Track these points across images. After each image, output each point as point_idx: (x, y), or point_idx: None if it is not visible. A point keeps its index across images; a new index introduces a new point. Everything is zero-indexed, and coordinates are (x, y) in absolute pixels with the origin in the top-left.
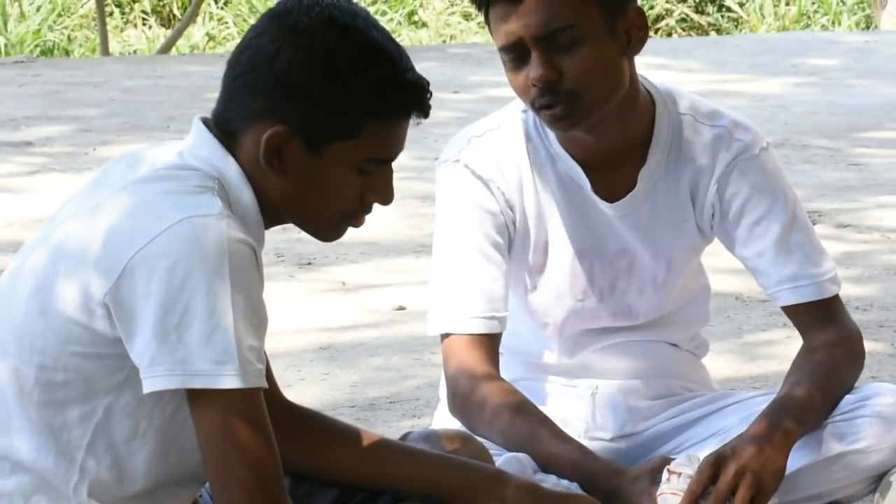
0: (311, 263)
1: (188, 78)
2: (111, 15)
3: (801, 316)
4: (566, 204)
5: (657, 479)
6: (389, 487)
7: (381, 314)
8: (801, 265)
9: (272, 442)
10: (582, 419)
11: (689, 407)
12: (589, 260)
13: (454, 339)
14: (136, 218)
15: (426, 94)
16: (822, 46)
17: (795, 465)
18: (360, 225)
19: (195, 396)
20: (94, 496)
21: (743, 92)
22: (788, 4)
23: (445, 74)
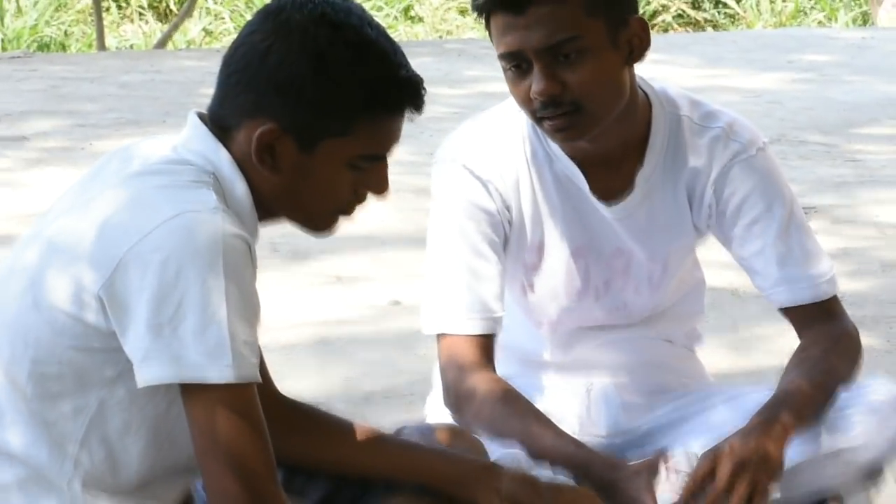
0: (305, 257)
1: (184, 73)
2: (108, 10)
3: (797, 316)
4: (563, 204)
5: (655, 474)
6: (383, 480)
7: (375, 308)
8: (797, 266)
9: (265, 435)
10: (577, 416)
11: (683, 402)
12: (585, 259)
13: (450, 338)
14: (130, 212)
15: (420, 90)
16: (818, 42)
17: (792, 461)
18: (351, 217)
19: (189, 390)
20: (87, 489)
21: (739, 87)
22: (785, 1)
23: (441, 70)
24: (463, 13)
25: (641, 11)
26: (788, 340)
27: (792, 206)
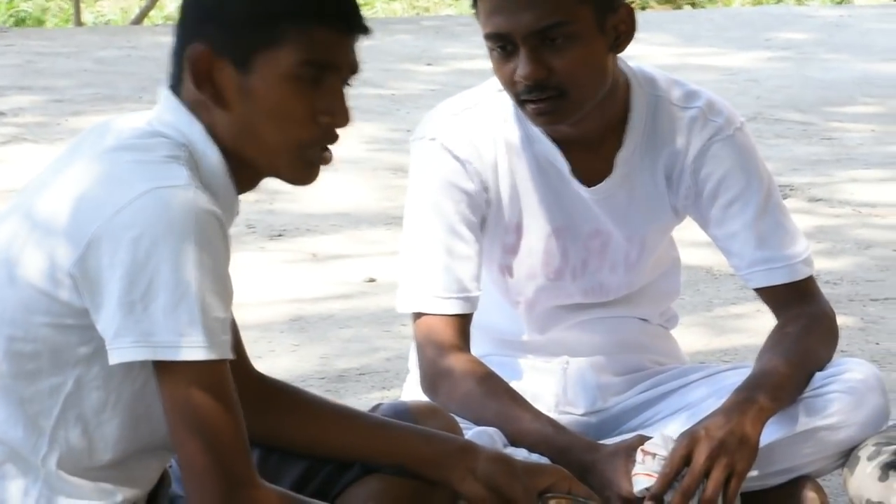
0: (281, 235)
1: (161, 49)
2: None
3: (773, 297)
4: (541, 185)
5: (632, 457)
6: (359, 459)
7: (351, 286)
8: (773, 247)
9: (239, 413)
10: (553, 395)
11: (658, 381)
12: (562, 240)
13: (426, 318)
14: (103, 188)
15: (344, 2)
16: (795, 20)
17: (769, 439)
18: (328, 160)
19: (161, 368)
20: (62, 467)
21: (715, 66)
22: None
23: (419, 47)
24: None
25: None
26: (764, 320)
27: (769, 185)
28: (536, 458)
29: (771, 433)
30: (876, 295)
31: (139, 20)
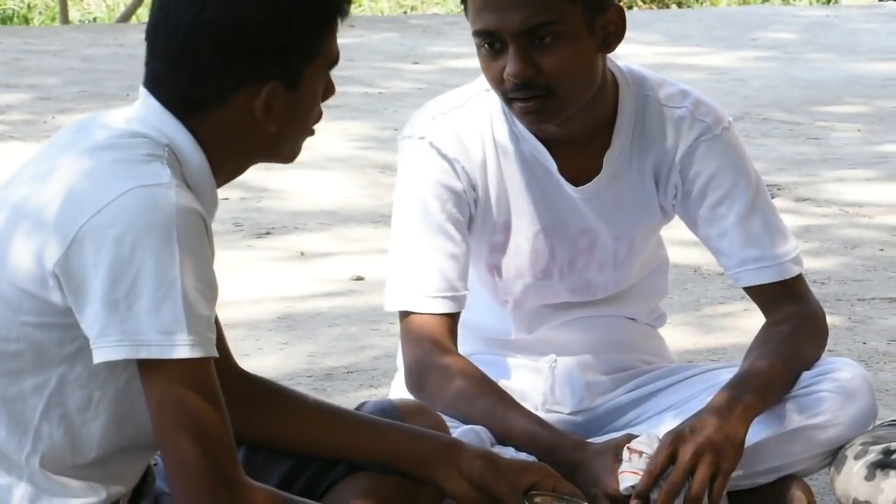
0: (269, 233)
1: None
2: None
3: (763, 296)
4: (529, 184)
5: (619, 456)
6: (345, 457)
7: (339, 284)
8: (762, 246)
9: (224, 412)
10: (540, 393)
11: (646, 380)
12: (550, 239)
13: (413, 317)
14: (85, 187)
15: None
16: (782, 20)
17: (756, 437)
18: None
19: (145, 367)
20: (47, 465)
21: (702, 65)
22: None
23: (405, 45)
24: None
25: None
26: (751, 319)
27: (757, 184)
28: (524, 456)
29: (758, 432)
30: (863, 294)
31: (126, 18)
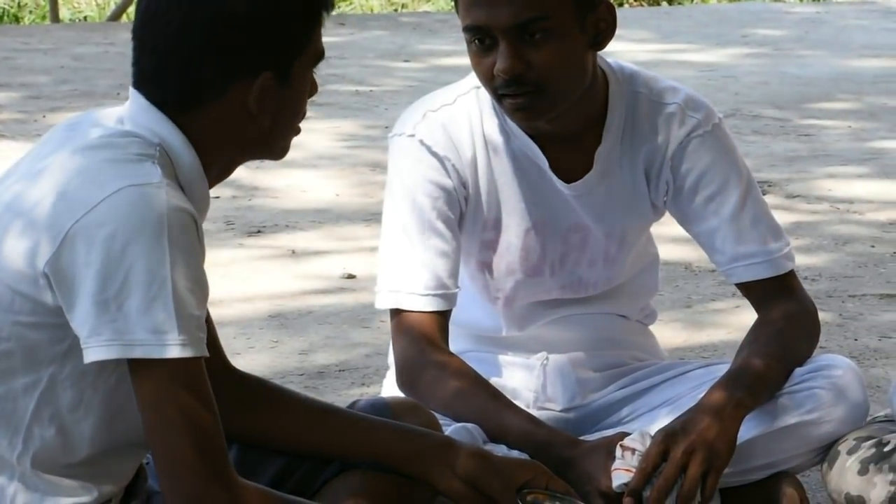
0: (260, 231)
1: None
2: None
3: (755, 292)
4: (520, 181)
5: (612, 453)
6: (338, 456)
7: (330, 282)
8: (754, 242)
9: (214, 411)
10: (531, 390)
11: (637, 377)
12: (541, 235)
13: (404, 315)
14: (76, 186)
15: None
16: (773, 17)
17: (748, 434)
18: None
19: (136, 366)
20: (38, 465)
21: (694, 62)
22: None
23: (396, 43)
24: None
25: None
26: (743, 315)
27: (748, 181)
28: (516, 454)
29: (751, 428)
30: (854, 291)
31: (116, 16)
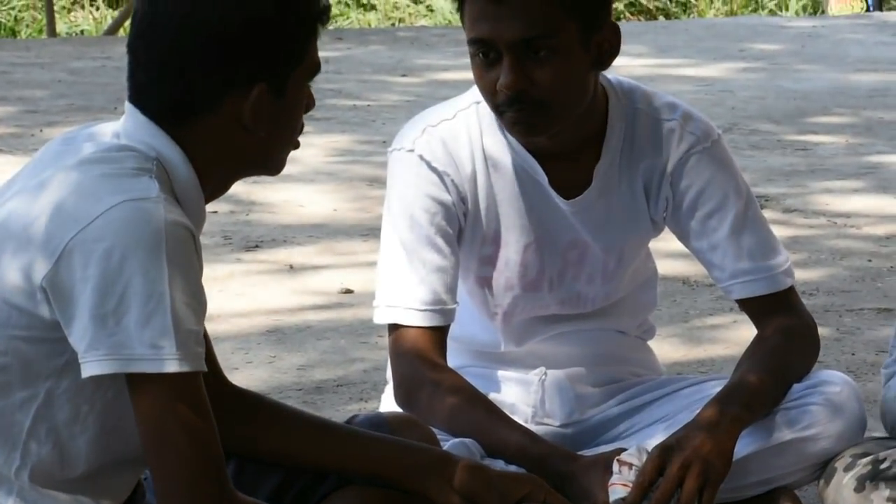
0: (258, 246)
1: None
2: None
3: (754, 308)
4: (519, 196)
5: (610, 468)
6: (336, 470)
7: (328, 297)
8: (754, 258)
9: (212, 426)
10: (530, 405)
11: (635, 393)
12: (540, 251)
13: (402, 330)
14: (73, 201)
15: None
16: (769, 31)
17: (745, 450)
18: (297, 145)
19: (134, 381)
20: (36, 480)
21: (690, 76)
22: None
23: (394, 58)
24: (415, 1)
25: None
26: (740, 330)
27: (747, 196)
28: (514, 469)
29: (747, 444)
30: (851, 305)
31: (113, 31)
